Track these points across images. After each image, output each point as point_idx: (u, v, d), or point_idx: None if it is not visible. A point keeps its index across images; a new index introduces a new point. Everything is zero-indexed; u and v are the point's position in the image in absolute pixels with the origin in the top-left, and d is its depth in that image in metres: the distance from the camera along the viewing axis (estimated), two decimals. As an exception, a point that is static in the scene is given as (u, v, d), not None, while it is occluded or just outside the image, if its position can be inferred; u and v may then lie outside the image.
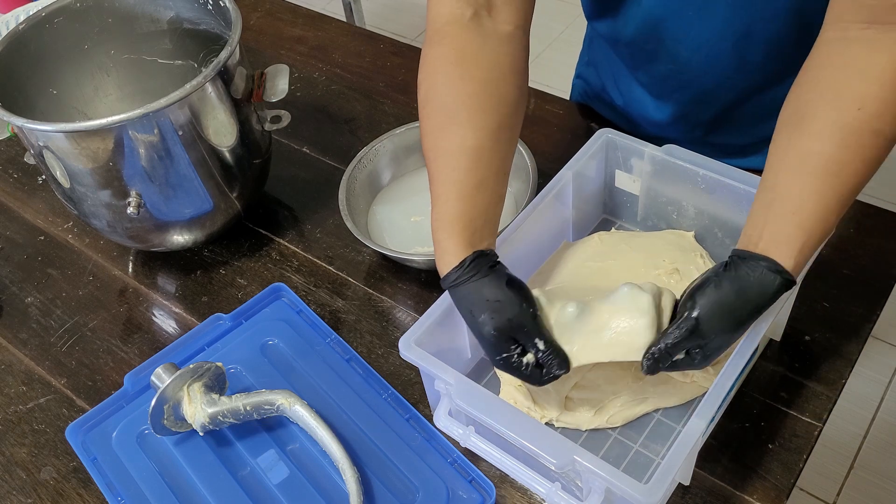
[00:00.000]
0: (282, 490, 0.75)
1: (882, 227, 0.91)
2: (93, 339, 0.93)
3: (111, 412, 0.83)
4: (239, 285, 0.96)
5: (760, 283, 0.62)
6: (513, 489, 0.76)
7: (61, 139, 0.81)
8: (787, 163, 0.65)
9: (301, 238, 1.01)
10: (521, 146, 0.96)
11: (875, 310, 0.84)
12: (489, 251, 0.69)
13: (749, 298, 0.62)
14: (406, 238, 0.95)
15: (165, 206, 0.89)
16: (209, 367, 0.78)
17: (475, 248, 0.68)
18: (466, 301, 0.68)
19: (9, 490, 0.81)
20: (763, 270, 0.62)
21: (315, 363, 0.84)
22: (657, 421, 0.77)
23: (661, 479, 0.60)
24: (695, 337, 0.63)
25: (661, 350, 0.64)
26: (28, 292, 0.99)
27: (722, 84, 0.90)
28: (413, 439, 0.78)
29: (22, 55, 0.92)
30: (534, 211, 0.80)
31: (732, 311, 0.63)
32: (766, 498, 0.72)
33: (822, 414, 0.76)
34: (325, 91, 1.21)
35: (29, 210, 1.10)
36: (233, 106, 0.89)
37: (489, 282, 0.67)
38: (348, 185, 0.96)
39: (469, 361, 0.82)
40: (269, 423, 0.80)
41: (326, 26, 1.35)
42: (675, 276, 0.80)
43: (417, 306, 0.91)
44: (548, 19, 2.65)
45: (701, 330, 0.62)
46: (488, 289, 0.67)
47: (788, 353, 0.81)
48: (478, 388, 0.68)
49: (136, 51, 1.02)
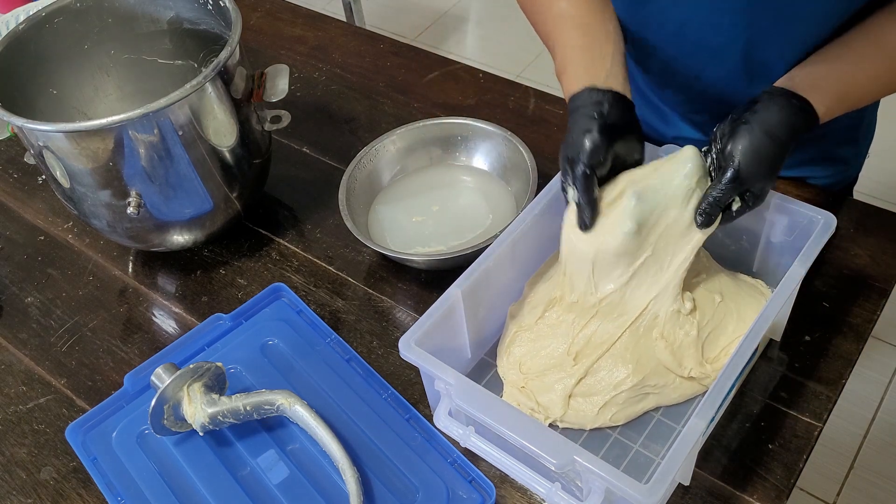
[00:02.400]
0: (282, 490, 0.75)
1: (882, 227, 0.91)
2: (93, 339, 0.93)
3: (111, 412, 0.83)
4: (239, 285, 0.96)
5: (789, 122, 0.69)
6: (513, 489, 0.76)
7: (61, 139, 0.81)
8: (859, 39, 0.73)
9: (301, 238, 1.01)
10: (520, 146, 0.97)
11: (875, 310, 0.84)
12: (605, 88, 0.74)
13: (779, 138, 0.69)
14: (408, 238, 0.95)
15: (165, 206, 0.89)
16: (209, 367, 0.78)
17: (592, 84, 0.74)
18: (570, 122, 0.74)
19: (9, 490, 0.81)
20: (794, 110, 0.69)
21: (315, 363, 0.84)
22: (657, 421, 0.77)
23: (661, 479, 0.60)
24: (738, 184, 0.69)
25: (710, 202, 0.70)
26: (28, 292, 0.99)
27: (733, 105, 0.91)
28: (413, 439, 0.78)
29: (22, 55, 0.92)
30: (534, 211, 0.80)
31: (768, 155, 0.69)
32: (766, 498, 0.72)
33: (822, 414, 0.76)
34: (325, 91, 1.21)
35: (29, 210, 1.10)
36: (233, 106, 0.89)
37: (584, 116, 0.72)
38: (348, 185, 0.96)
39: (469, 361, 0.82)
40: (269, 423, 0.80)
41: (326, 26, 1.35)
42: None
43: (417, 306, 0.91)
44: (548, 19, 2.65)
45: (742, 178, 0.69)
46: (582, 121, 0.72)
47: (788, 353, 0.81)
48: (478, 388, 0.68)
49: (136, 51, 1.02)
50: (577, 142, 0.71)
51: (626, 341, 0.75)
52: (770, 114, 0.69)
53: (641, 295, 0.75)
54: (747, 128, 0.69)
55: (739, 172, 0.69)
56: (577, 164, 0.71)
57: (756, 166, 0.69)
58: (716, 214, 0.71)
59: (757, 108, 0.70)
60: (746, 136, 0.69)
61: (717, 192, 0.70)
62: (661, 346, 0.75)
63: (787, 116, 0.69)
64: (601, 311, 0.76)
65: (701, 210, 0.71)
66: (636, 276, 0.74)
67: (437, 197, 1.00)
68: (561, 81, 0.78)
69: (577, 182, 0.71)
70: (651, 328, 0.76)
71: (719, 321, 0.77)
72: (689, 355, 0.75)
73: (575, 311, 0.77)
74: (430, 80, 1.20)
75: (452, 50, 2.75)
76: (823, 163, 0.99)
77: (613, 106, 0.73)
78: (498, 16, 2.86)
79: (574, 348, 0.76)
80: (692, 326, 0.75)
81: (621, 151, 0.74)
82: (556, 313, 0.79)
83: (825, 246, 0.74)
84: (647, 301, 0.75)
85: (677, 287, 0.74)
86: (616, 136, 0.73)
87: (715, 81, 0.87)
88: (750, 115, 0.70)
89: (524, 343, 0.79)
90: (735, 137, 0.69)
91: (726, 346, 0.77)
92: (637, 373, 0.75)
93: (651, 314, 0.75)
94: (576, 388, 0.76)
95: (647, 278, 0.75)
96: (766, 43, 0.79)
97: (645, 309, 0.75)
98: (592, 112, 0.72)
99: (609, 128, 0.72)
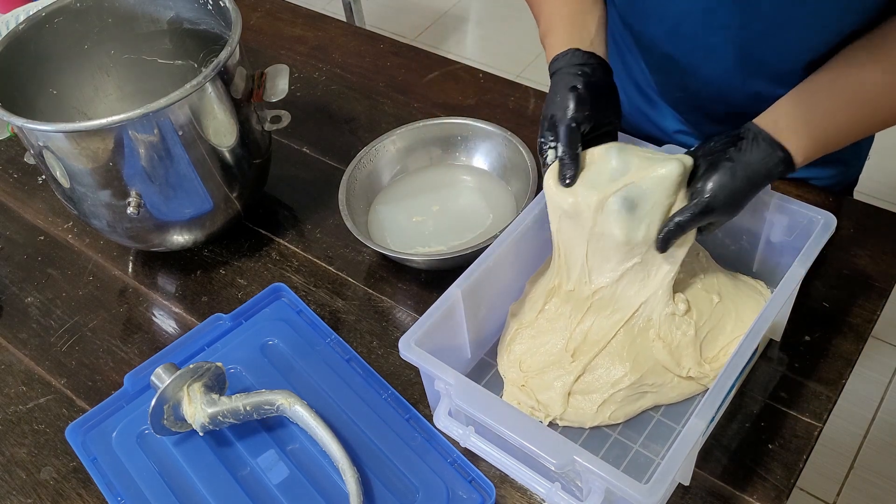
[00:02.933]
0: (282, 490, 0.75)
1: (882, 227, 0.91)
2: (93, 339, 0.93)
3: (111, 412, 0.83)
4: (239, 285, 0.96)
5: (768, 171, 0.70)
6: (513, 489, 0.76)
7: (61, 139, 0.81)
8: (840, 79, 0.72)
9: (301, 238, 1.01)
10: (520, 146, 0.97)
11: (875, 310, 0.84)
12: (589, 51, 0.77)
13: (756, 183, 0.71)
14: (408, 238, 0.95)
15: (165, 206, 0.89)
16: (209, 367, 0.78)
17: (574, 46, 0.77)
18: (553, 82, 0.77)
19: (9, 490, 0.81)
20: (776, 161, 0.70)
21: (315, 363, 0.84)
22: (657, 421, 0.77)
23: (661, 479, 0.60)
24: (705, 217, 0.70)
25: (673, 228, 0.70)
26: (28, 292, 0.99)
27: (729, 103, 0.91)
28: (413, 439, 0.78)
29: (22, 55, 0.92)
30: (534, 211, 0.80)
31: (740, 194, 0.70)
32: (766, 498, 0.72)
33: (822, 414, 0.76)
34: (325, 91, 1.21)
35: (29, 210, 1.10)
36: (233, 106, 0.89)
37: (569, 74, 0.75)
38: (348, 185, 0.96)
39: (469, 361, 0.82)
40: (269, 423, 0.80)
41: (326, 26, 1.35)
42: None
43: (417, 306, 0.91)
44: (548, 19, 2.65)
45: (711, 212, 0.70)
46: (567, 79, 0.75)
47: (788, 353, 0.81)
48: (478, 388, 0.68)
49: (136, 51, 1.02)
50: (563, 97, 0.74)
51: (622, 339, 0.76)
52: (753, 158, 0.70)
53: (632, 295, 0.75)
54: (730, 167, 0.70)
55: (711, 207, 0.70)
56: (563, 119, 0.73)
57: (728, 206, 0.70)
58: (676, 238, 0.71)
59: (742, 148, 0.70)
60: (728, 175, 0.70)
61: (683, 220, 0.70)
62: (659, 346, 0.75)
63: (768, 167, 0.70)
64: (595, 304, 0.76)
65: (664, 234, 0.71)
66: (626, 276, 0.75)
67: (437, 197, 1.00)
68: (544, 45, 0.81)
69: (563, 136, 0.73)
70: (646, 329, 0.76)
71: (717, 321, 0.77)
72: (688, 355, 0.76)
73: (571, 301, 0.78)
74: (430, 80, 1.20)
75: (452, 50, 2.75)
76: (824, 163, 0.99)
77: (597, 69, 0.76)
78: (498, 16, 2.86)
79: (572, 345, 0.77)
80: (689, 326, 0.75)
81: (602, 114, 0.75)
82: (555, 305, 0.79)
83: (825, 246, 0.74)
84: (637, 303, 0.75)
85: (666, 293, 0.75)
86: (600, 98, 0.75)
87: (711, 79, 0.87)
88: (735, 152, 0.70)
89: (524, 340, 0.80)
90: (715, 173, 0.70)
91: (725, 346, 0.77)
92: (634, 371, 0.75)
93: (644, 316, 0.76)
94: (575, 386, 0.76)
95: (635, 282, 0.75)
96: (761, 45, 0.79)
97: (637, 310, 0.75)
98: (577, 71, 0.75)
99: (593, 87, 0.74)
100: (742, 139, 0.71)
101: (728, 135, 0.73)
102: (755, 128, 0.71)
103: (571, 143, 0.73)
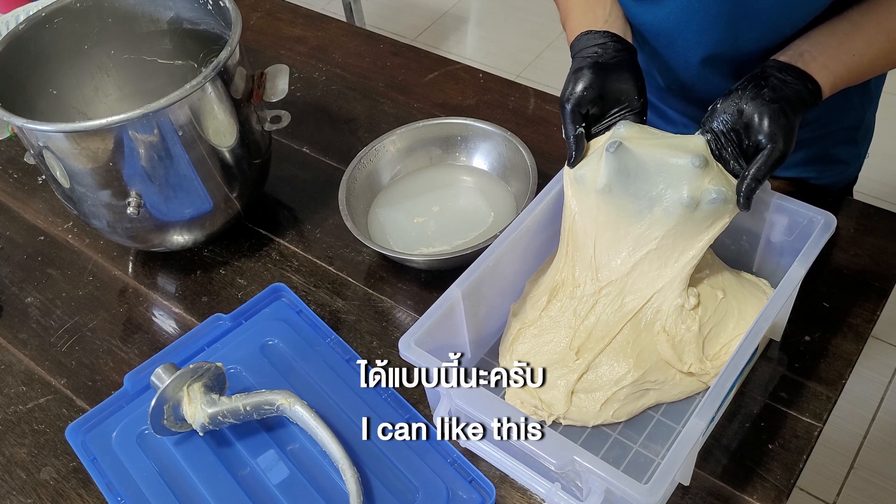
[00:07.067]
0: (282, 490, 0.75)
1: (882, 227, 0.91)
2: (93, 339, 0.93)
3: (111, 412, 0.83)
4: (239, 285, 0.96)
5: (804, 102, 0.71)
6: (513, 489, 0.76)
7: (61, 139, 0.81)
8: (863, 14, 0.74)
9: (301, 238, 1.01)
10: (520, 146, 0.97)
11: (875, 310, 0.84)
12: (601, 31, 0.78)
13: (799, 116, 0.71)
14: (410, 239, 0.95)
15: (165, 206, 0.89)
16: (209, 367, 0.78)
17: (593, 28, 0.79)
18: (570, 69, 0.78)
19: (9, 490, 0.81)
20: (808, 91, 0.71)
21: (315, 363, 0.84)
22: (657, 421, 0.77)
23: (661, 480, 0.60)
24: (778, 162, 0.69)
25: (753, 185, 0.70)
26: (28, 292, 0.99)
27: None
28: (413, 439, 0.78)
29: (22, 55, 0.92)
30: (534, 211, 0.80)
31: (794, 130, 0.70)
32: (766, 498, 0.72)
33: (822, 414, 0.76)
34: (325, 91, 1.21)
35: (29, 210, 1.10)
36: (233, 106, 0.89)
37: (578, 58, 0.77)
38: (348, 185, 0.96)
39: (469, 361, 0.82)
40: (269, 423, 0.80)
41: (326, 26, 1.35)
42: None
43: (417, 306, 0.91)
44: (547, 19, 2.65)
45: (785, 157, 0.70)
46: (575, 62, 0.77)
47: (788, 353, 0.81)
48: (478, 388, 0.68)
49: (136, 51, 1.02)
50: (568, 82, 0.76)
51: (628, 335, 0.76)
52: (790, 92, 0.71)
53: (644, 287, 0.75)
54: (778, 108, 0.70)
55: (780, 151, 0.69)
56: (563, 100, 0.76)
57: (790, 144, 0.70)
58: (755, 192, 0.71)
59: (774, 86, 0.71)
60: (782, 115, 0.69)
61: (761, 174, 0.70)
62: (663, 339, 0.75)
63: (803, 97, 0.71)
64: (602, 300, 0.76)
65: (745, 193, 0.70)
66: (638, 266, 0.75)
67: (438, 197, 1.00)
68: (565, 29, 0.83)
69: (563, 118, 0.75)
70: (653, 322, 0.76)
71: (720, 318, 0.77)
72: (690, 350, 0.76)
73: (577, 297, 0.78)
74: (430, 80, 1.20)
75: (452, 50, 2.75)
76: (823, 163, 0.99)
77: (609, 48, 0.77)
78: (498, 16, 2.86)
79: (576, 342, 0.77)
80: (694, 321, 0.75)
81: (616, 92, 0.76)
82: (560, 301, 0.79)
83: (825, 246, 0.74)
84: (649, 294, 0.75)
85: (683, 282, 0.75)
86: (611, 77, 0.76)
87: (704, 64, 0.87)
88: (771, 93, 0.70)
89: (528, 339, 0.80)
90: (766, 117, 0.70)
91: (726, 343, 0.77)
92: (638, 368, 0.75)
93: (653, 308, 0.75)
94: (578, 385, 0.76)
95: (650, 272, 0.75)
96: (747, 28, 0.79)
97: (647, 302, 0.75)
98: (586, 54, 0.77)
99: (602, 67, 0.75)
100: (769, 77, 0.72)
101: (747, 80, 0.73)
102: (778, 63, 0.72)
103: (572, 122, 0.75)
